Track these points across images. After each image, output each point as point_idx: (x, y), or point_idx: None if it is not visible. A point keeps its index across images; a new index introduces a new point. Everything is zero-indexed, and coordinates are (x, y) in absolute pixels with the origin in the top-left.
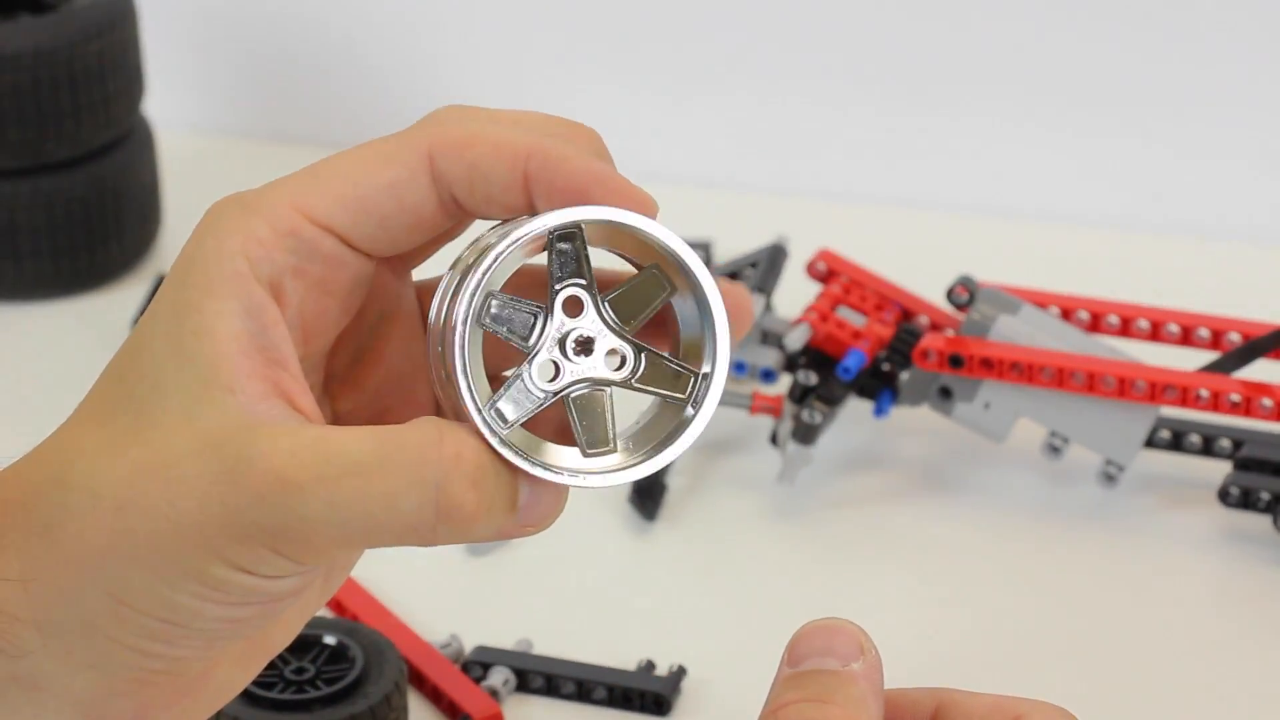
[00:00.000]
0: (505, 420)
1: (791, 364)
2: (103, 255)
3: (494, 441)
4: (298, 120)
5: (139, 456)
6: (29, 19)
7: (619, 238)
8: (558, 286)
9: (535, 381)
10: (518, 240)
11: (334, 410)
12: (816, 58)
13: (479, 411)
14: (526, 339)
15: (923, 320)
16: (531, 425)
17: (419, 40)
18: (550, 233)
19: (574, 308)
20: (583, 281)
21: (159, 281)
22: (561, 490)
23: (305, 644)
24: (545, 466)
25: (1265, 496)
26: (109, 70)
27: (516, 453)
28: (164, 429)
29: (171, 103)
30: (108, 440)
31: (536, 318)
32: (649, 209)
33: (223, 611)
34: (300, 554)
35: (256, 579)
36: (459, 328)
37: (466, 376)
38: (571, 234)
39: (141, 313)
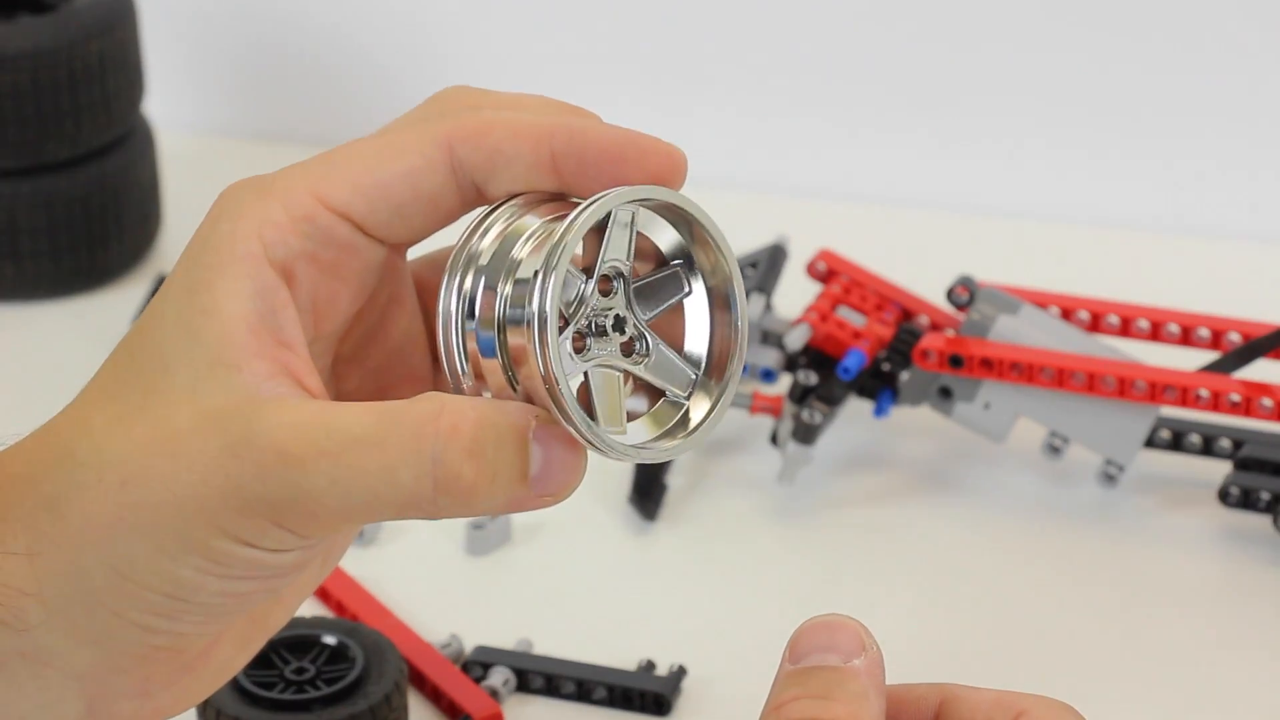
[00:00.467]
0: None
1: (791, 364)
2: (103, 255)
3: (581, 421)
4: (298, 120)
5: (143, 432)
6: (29, 19)
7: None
8: (605, 261)
9: (570, 354)
10: (597, 214)
11: (339, 390)
12: (817, 58)
13: (573, 398)
14: (565, 310)
15: (923, 320)
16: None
17: (419, 40)
18: (613, 209)
19: (604, 286)
20: (626, 262)
21: (159, 281)
22: (578, 461)
23: (305, 644)
24: (634, 447)
25: (1265, 496)
26: (109, 70)
27: (589, 428)
28: (169, 405)
29: (171, 103)
30: (115, 416)
31: (579, 291)
32: (679, 162)
33: (225, 585)
34: (303, 527)
35: (259, 552)
36: (550, 309)
37: (560, 362)
38: (634, 212)
39: (143, 312)
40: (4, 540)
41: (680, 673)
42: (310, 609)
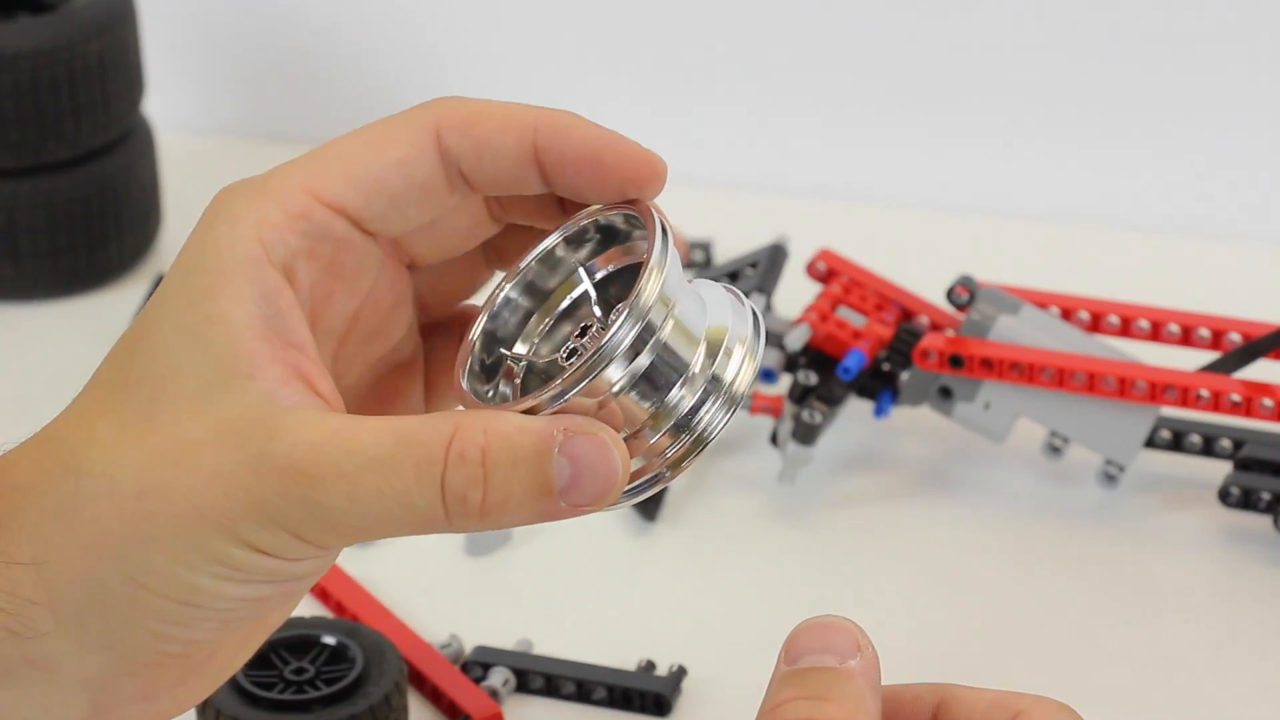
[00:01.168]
0: None
1: (791, 364)
2: (102, 255)
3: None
4: (298, 120)
5: (157, 443)
6: (29, 19)
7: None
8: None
9: None
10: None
11: (337, 388)
12: (817, 58)
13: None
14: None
15: (923, 320)
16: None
17: (419, 41)
18: None
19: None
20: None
21: (159, 281)
22: (611, 470)
23: (305, 644)
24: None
25: (1266, 497)
26: (109, 70)
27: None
28: (182, 415)
29: (171, 103)
30: (120, 425)
31: None
32: (658, 169)
33: (243, 591)
34: (323, 539)
35: (278, 561)
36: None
37: None
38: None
39: (138, 316)
40: (9, 550)
41: (680, 673)
42: (310, 609)
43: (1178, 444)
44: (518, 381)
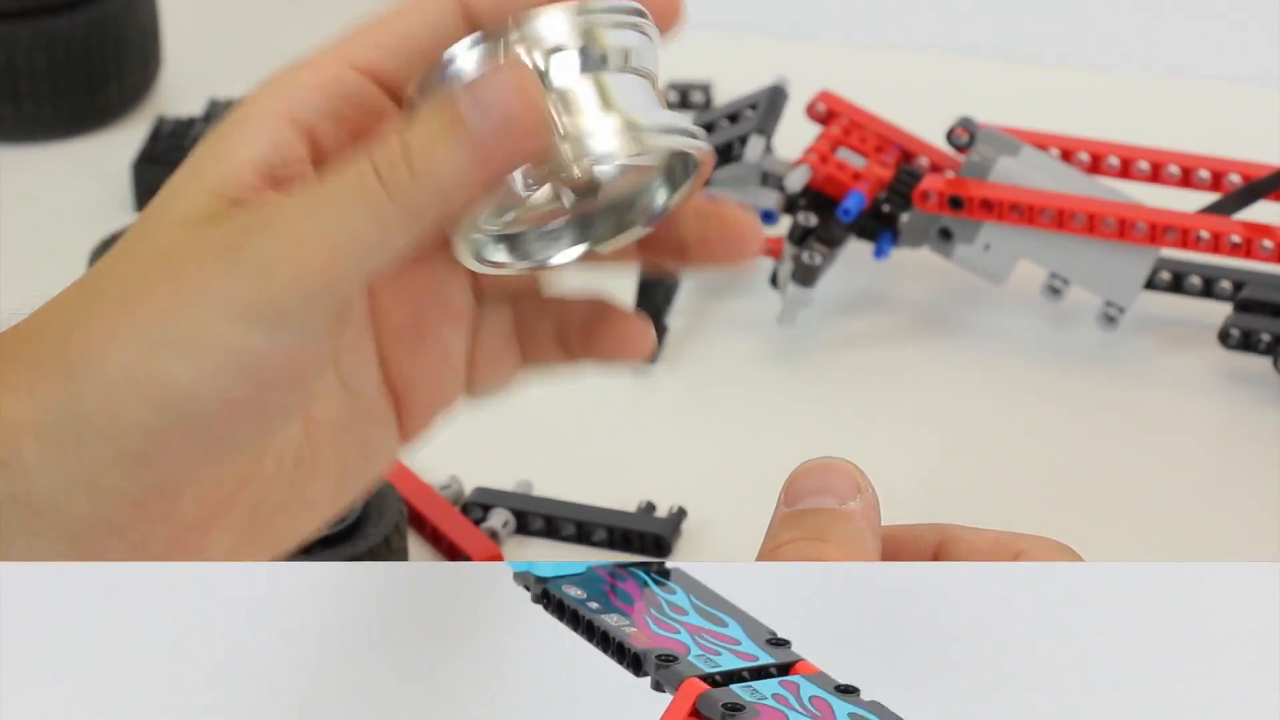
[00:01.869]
0: None
1: (791, 205)
2: (102, 97)
3: None
4: None
5: (143, 254)
6: None
7: None
8: None
9: None
10: None
11: (375, 316)
12: None
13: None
14: None
15: (923, 162)
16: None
17: None
18: None
19: None
20: None
21: (159, 123)
22: (507, 78)
23: None
24: None
25: (1265, 338)
26: None
27: None
28: (164, 229)
29: None
30: (120, 253)
31: None
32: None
33: (217, 385)
34: (298, 310)
35: (253, 347)
36: None
37: None
38: None
39: (141, 154)
40: (4, 375)
41: (680, 514)
42: None
43: (1178, 285)
44: None
